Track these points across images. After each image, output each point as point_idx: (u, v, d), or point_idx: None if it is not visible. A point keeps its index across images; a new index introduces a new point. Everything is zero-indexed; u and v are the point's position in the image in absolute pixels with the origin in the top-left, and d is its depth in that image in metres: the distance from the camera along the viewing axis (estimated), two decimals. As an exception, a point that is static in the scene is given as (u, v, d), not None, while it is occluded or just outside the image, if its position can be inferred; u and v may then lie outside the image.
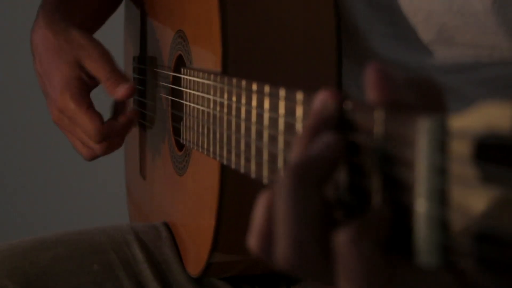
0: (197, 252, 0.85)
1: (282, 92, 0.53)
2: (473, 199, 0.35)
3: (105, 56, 0.93)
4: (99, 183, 2.09)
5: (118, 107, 0.98)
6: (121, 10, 1.18)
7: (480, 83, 0.79)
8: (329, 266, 0.41)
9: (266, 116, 0.57)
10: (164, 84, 0.96)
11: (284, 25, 0.76)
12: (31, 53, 0.99)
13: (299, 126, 0.50)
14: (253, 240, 0.45)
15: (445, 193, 0.36)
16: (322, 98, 0.45)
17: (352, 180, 0.43)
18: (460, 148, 0.35)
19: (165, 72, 0.95)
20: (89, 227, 0.96)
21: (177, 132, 0.91)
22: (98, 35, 1.11)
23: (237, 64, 0.74)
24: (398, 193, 0.39)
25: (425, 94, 0.41)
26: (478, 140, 0.35)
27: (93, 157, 0.97)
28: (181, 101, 0.85)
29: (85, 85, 0.94)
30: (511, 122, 0.33)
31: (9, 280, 0.87)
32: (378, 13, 0.80)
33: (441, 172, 0.36)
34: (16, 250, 0.91)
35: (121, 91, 0.92)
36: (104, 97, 0.96)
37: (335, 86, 0.77)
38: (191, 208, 0.88)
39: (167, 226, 0.96)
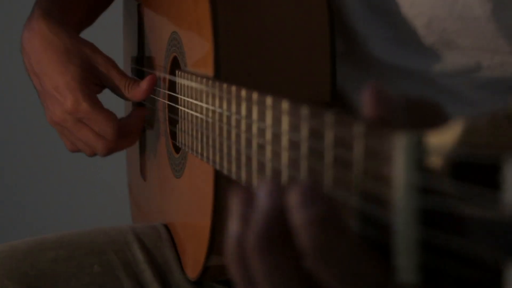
0: (194, 255, 0.85)
1: (269, 101, 0.53)
2: (451, 219, 0.34)
3: (114, 62, 0.95)
4: (100, 184, 2.09)
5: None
6: (120, 9, 1.18)
7: (482, 86, 0.78)
8: None
9: (254, 124, 0.56)
10: (161, 86, 0.95)
11: (276, 28, 0.76)
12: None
13: (285, 137, 0.50)
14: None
15: (423, 212, 0.36)
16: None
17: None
18: (437, 166, 0.35)
19: (161, 74, 0.95)
20: (89, 228, 0.96)
21: (174, 134, 0.91)
22: (97, 33, 1.11)
23: (229, 68, 0.74)
24: (378, 211, 0.38)
25: (424, 113, 0.40)
26: (454, 158, 0.34)
27: (94, 155, 0.98)
28: (176, 105, 0.85)
29: (94, 87, 0.94)
30: (486, 140, 0.33)
31: (9, 281, 0.87)
32: (378, 17, 0.79)
33: (418, 190, 0.36)
34: (17, 251, 0.91)
35: (143, 87, 0.94)
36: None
37: (329, 87, 0.76)
38: (188, 211, 0.88)
39: (167, 227, 0.96)
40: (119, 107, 1.14)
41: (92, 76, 0.94)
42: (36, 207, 2.12)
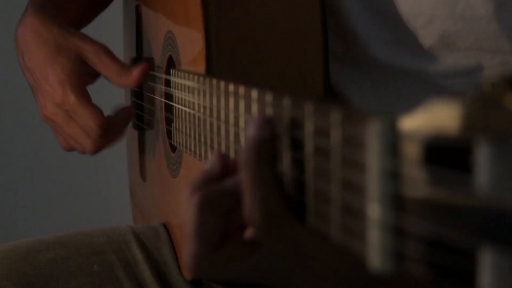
0: (190, 254, 0.85)
1: (254, 94, 0.53)
2: (425, 204, 0.34)
3: (106, 49, 0.94)
4: (100, 184, 2.09)
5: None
6: (120, 9, 1.18)
7: None
8: None
9: (242, 118, 0.56)
10: (158, 85, 0.95)
11: (267, 25, 0.76)
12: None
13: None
14: None
15: (398, 197, 0.35)
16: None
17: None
18: (411, 151, 0.34)
19: (157, 74, 0.95)
20: (88, 228, 0.96)
21: (170, 134, 0.91)
22: (97, 34, 1.11)
23: (221, 65, 0.74)
24: (353, 197, 0.38)
25: None
26: (427, 142, 0.34)
27: (84, 153, 0.98)
28: (171, 103, 0.85)
29: (84, 80, 0.95)
30: (458, 124, 0.33)
31: (8, 281, 0.87)
32: (377, 18, 0.79)
33: (393, 176, 0.35)
34: (16, 251, 0.91)
35: (135, 74, 0.92)
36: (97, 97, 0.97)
37: (321, 84, 0.76)
38: (184, 210, 0.88)
39: (166, 227, 0.96)
40: (119, 99, 1.14)
41: (83, 68, 0.94)
42: (36, 207, 2.12)
